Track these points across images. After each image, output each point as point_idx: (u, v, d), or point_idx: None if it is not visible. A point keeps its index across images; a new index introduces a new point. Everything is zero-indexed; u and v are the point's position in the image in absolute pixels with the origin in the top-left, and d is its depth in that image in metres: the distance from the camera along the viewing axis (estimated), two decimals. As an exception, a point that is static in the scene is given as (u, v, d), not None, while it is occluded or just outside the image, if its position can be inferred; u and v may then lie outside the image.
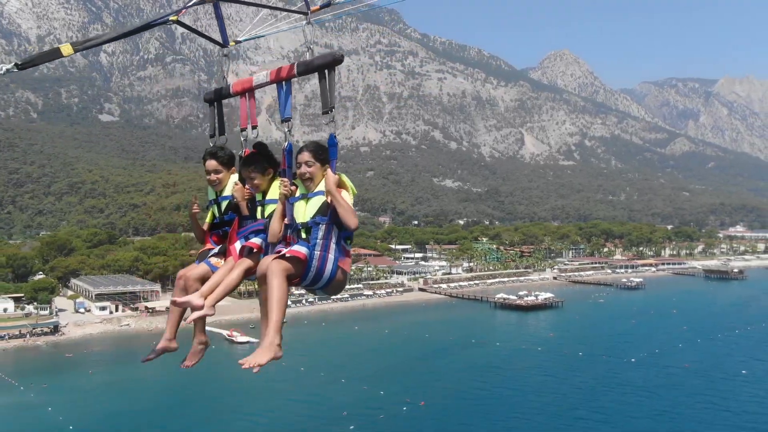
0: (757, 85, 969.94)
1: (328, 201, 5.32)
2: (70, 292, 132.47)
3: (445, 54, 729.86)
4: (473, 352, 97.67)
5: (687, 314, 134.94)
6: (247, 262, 5.65)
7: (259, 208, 5.95)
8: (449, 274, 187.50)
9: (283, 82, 5.71)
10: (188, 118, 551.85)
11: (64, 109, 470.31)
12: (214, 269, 5.85)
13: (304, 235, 5.34)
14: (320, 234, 5.26)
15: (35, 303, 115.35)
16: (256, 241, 5.76)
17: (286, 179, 5.57)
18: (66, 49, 3.63)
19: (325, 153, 5.47)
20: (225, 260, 5.92)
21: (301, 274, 5.18)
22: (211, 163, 6.25)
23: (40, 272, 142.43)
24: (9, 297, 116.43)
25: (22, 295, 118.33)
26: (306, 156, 5.47)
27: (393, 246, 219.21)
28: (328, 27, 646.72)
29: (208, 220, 6.41)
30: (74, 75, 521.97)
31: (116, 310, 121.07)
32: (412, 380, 79.00)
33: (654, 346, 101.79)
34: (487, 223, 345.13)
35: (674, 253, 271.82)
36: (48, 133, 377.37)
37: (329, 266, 5.23)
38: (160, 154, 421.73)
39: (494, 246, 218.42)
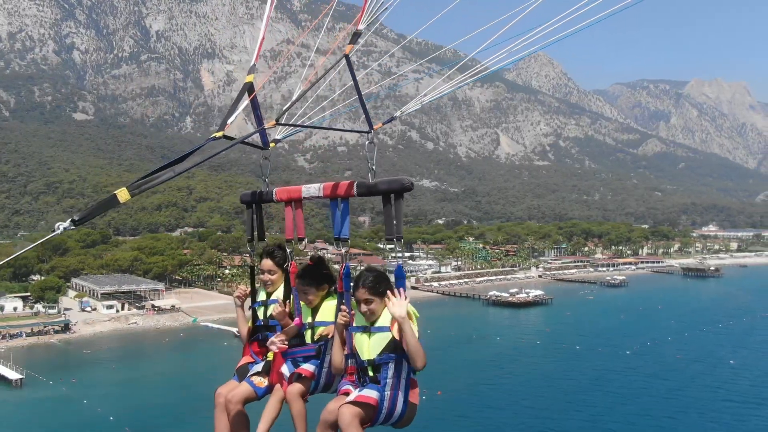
0: (726, 87, 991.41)
1: (396, 337, 5.02)
2: (71, 292, 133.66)
3: (422, 54, 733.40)
4: (477, 346, 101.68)
5: (672, 310, 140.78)
6: (300, 388, 5.45)
7: (308, 331, 5.65)
8: (439, 272, 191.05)
9: (339, 200, 5.18)
10: (164, 117, 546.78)
11: (37, 108, 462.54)
12: (258, 390, 5.60)
13: (371, 373, 5.06)
14: (390, 373, 5.00)
15: (43, 302, 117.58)
16: (308, 368, 5.49)
17: (345, 308, 5.23)
18: (123, 195, 3.47)
19: (384, 284, 5.15)
20: (267, 379, 5.68)
21: (372, 418, 4.94)
22: (267, 263, 5.97)
23: (38, 272, 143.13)
24: (17, 296, 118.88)
25: (29, 294, 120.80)
26: (364, 294, 5.11)
27: (381, 245, 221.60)
28: (305, 26, 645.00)
29: (250, 321, 6.09)
30: (47, 73, 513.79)
31: (122, 308, 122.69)
32: (423, 372, 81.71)
33: (646, 339, 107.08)
34: (465, 222, 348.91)
35: (651, 251, 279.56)
36: (21, 131, 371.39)
37: (400, 404, 5.04)
38: (137, 153, 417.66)
39: (480, 245, 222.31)
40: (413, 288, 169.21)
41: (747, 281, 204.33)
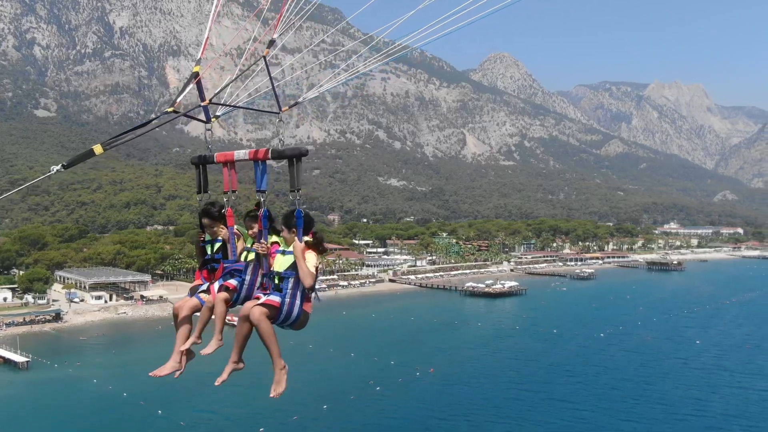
0: (685, 89, 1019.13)
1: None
2: (55, 284, 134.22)
3: (389, 54, 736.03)
4: (459, 330, 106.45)
5: (639, 299, 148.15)
6: (225, 296, 7.07)
7: (244, 253, 7.32)
8: (415, 266, 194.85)
9: (259, 162, 6.60)
10: (128, 115, 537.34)
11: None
12: (202, 302, 7.17)
13: (276, 281, 6.71)
14: (290, 285, 6.60)
15: (31, 293, 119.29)
16: (232, 282, 7.16)
17: (263, 242, 6.86)
18: (98, 149, 4.62)
19: (291, 220, 6.70)
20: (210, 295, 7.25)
21: (275, 316, 6.55)
22: (206, 220, 7.55)
23: (19, 266, 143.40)
24: (5, 288, 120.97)
25: (16, 285, 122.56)
26: (280, 225, 6.90)
27: (356, 241, 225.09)
28: (271, 25, 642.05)
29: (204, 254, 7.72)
30: (7, 68, 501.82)
31: (110, 299, 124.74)
32: (413, 353, 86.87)
33: (617, 324, 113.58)
34: (434, 221, 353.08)
35: (617, 247, 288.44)
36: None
37: (296, 310, 6.61)
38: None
39: (454, 241, 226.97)
40: (391, 281, 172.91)
41: (708, 274, 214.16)
